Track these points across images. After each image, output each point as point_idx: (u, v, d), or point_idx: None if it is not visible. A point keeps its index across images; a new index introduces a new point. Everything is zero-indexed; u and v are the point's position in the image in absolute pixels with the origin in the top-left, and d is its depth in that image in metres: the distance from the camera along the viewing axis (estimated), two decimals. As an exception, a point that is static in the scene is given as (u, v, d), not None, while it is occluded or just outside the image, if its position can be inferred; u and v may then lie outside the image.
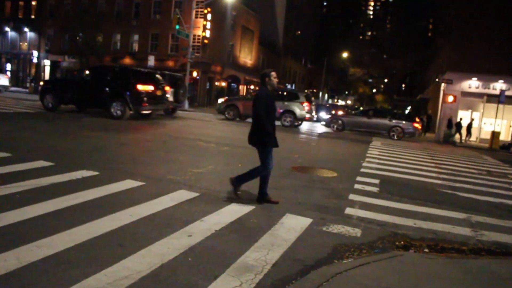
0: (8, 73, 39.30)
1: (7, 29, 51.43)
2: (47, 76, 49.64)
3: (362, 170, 10.45)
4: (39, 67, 50.36)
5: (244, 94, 28.99)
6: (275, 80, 6.36)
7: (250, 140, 6.33)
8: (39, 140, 10.31)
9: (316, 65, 77.32)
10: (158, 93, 17.43)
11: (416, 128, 24.17)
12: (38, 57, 49.58)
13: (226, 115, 24.06)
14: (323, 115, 35.10)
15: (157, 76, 18.37)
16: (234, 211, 5.73)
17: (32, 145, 9.40)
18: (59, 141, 10.35)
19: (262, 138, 6.15)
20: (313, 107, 23.41)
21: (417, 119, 26.03)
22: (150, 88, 16.72)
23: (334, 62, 79.69)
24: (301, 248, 4.61)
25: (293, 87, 60.65)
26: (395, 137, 23.70)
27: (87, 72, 17.94)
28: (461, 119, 28.55)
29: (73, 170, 7.05)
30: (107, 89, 16.50)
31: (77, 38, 42.27)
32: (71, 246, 4.00)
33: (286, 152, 12.77)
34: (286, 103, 22.53)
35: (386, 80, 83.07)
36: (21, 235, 4.14)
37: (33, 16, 50.87)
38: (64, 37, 46.75)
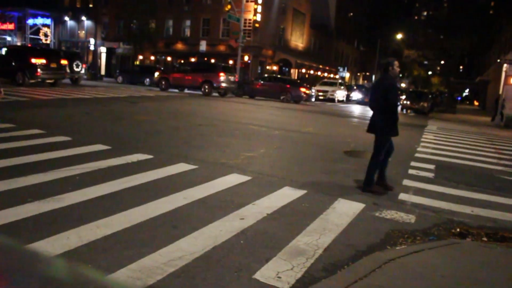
0: None
1: (66, 18, 53.41)
2: (103, 62, 51.30)
3: (416, 155, 10.16)
4: (96, 54, 52.02)
5: (176, 68, 33.08)
6: (398, 69, 6.44)
7: (373, 129, 6.42)
8: (96, 124, 10.71)
9: (369, 48, 75.44)
10: (52, 65, 21.96)
11: (303, 92, 28.10)
12: (95, 45, 51.22)
13: (160, 86, 28.11)
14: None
15: (52, 52, 24.93)
16: (286, 195, 5.74)
17: (90, 129, 9.77)
18: (114, 125, 10.70)
19: (392, 128, 6.30)
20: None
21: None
22: (42, 61, 21.17)
23: (388, 44, 77.36)
24: (353, 233, 4.56)
25: (345, 70, 59.57)
26: (285, 101, 27.19)
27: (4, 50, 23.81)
28: None
29: (128, 154, 7.28)
30: (13, 63, 21.11)
31: (131, 25, 43.29)
32: (128, 227, 4.14)
33: (338, 136, 12.64)
34: (205, 74, 26.57)
35: (442, 62, 79.66)
36: (82, 215, 4.33)
37: (91, 5, 52.48)
38: (119, 24, 47.99)
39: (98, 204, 4.73)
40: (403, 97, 34.21)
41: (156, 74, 31.10)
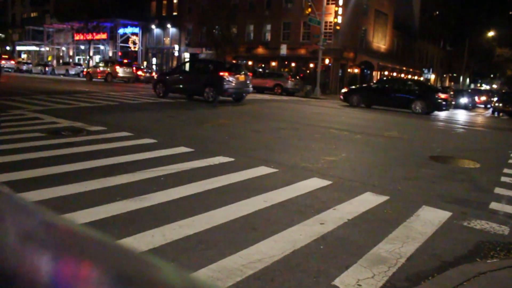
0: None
1: (153, 26, 56.25)
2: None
3: (510, 161, 9.46)
4: (180, 59, 54.21)
5: (93, 65, 43.03)
6: None
7: None
8: (179, 127, 11.11)
9: (456, 47, 71.78)
10: None
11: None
12: (179, 51, 53.47)
13: (86, 78, 37.27)
14: (464, 101, 32.86)
15: None
16: (368, 200, 5.57)
17: (174, 132, 10.15)
18: (196, 128, 11.04)
19: None
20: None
21: None
22: None
23: (477, 43, 73.05)
24: (438, 243, 4.31)
25: (430, 72, 57.15)
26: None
27: None
28: None
29: (211, 156, 7.45)
30: None
31: (214, 31, 44.55)
32: (209, 228, 4.22)
33: (422, 140, 12.14)
34: (109, 67, 36.25)
35: (540, 61, 73.59)
36: (166, 215, 4.49)
37: (175, 13, 54.81)
38: (201, 31, 49.54)
39: (181, 204, 4.88)
40: (495, 99, 32.22)
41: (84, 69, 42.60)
